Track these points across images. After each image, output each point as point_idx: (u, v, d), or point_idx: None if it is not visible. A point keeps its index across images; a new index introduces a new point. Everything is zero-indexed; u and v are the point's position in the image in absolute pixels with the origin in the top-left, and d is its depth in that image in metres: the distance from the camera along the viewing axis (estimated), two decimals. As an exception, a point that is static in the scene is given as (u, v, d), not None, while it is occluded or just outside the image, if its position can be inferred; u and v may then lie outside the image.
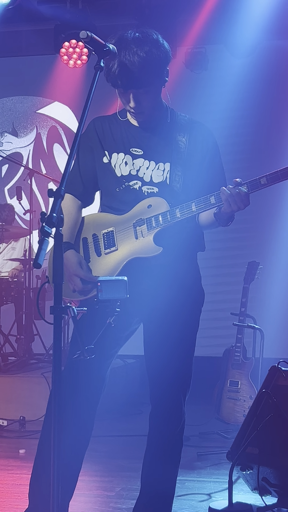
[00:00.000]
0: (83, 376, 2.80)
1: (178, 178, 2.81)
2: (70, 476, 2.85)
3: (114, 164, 2.87)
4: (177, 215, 2.74)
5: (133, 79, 2.66)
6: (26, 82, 8.43)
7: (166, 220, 2.75)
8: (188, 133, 2.88)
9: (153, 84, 2.74)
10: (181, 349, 2.86)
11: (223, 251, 7.29)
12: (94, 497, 3.72)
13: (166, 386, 2.85)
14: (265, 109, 7.49)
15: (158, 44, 2.69)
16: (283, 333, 7.16)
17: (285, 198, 7.51)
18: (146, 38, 2.67)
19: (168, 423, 2.88)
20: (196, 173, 2.84)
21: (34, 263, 2.06)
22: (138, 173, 2.85)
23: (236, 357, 5.22)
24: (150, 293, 2.83)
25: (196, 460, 4.53)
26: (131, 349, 3.36)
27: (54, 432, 2.15)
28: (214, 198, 2.73)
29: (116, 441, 5.05)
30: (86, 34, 2.39)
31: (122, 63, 2.64)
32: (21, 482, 3.91)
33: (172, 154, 2.84)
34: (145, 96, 2.75)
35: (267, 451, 3.32)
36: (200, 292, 2.94)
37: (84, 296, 2.81)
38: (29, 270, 6.80)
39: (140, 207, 2.81)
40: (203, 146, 2.89)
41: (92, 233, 2.89)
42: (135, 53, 2.63)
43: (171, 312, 2.83)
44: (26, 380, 5.86)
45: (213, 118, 7.16)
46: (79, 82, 7.89)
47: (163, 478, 2.89)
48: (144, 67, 2.65)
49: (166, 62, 2.75)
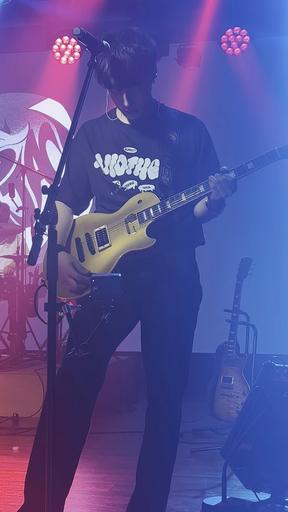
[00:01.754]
0: (80, 373, 2.79)
1: (168, 171, 2.82)
2: (66, 472, 2.84)
3: (107, 166, 2.87)
4: (168, 207, 2.75)
5: (125, 77, 2.67)
6: (19, 78, 8.41)
7: (157, 212, 2.76)
8: (179, 126, 2.89)
9: (145, 81, 2.74)
10: (179, 346, 2.86)
11: (216, 247, 7.30)
12: (88, 493, 3.72)
13: (164, 383, 2.85)
14: (258, 106, 7.49)
15: (145, 41, 2.70)
16: (276, 329, 7.18)
17: (278, 195, 7.52)
18: (132, 35, 2.68)
19: (164, 420, 2.88)
20: (190, 165, 2.84)
21: (28, 260, 2.06)
22: (134, 172, 2.85)
23: (229, 354, 5.23)
24: (148, 289, 2.83)
25: (189, 456, 4.54)
26: (124, 345, 3.35)
27: (48, 429, 2.15)
28: (203, 186, 2.74)
29: (110, 437, 5.06)
30: (80, 30, 2.40)
31: (113, 63, 2.64)
32: (15, 479, 3.91)
33: (162, 148, 2.84)
34: (138, 93, 2.75)
35: (260, 447, 3.33)
36: (198, 289, 2.94)
37: (79, 294, 2.81)
38: (22, 267, 6.79)
39: (130, 203, 2.82)
40: (195, 138, 2.90)
41: (85, 233, 2.89)
42: (124, 51, 2.63)
43: (169, 309, 2.83)
44: (19, 377, 5.85)
45: (206, 115, 7.18)
46: (71, 78, 7.89)
47: (159, 474, 2.90)
48: (135, 65, 2.65)
49: (154, 57, 2.76)
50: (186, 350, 2.89)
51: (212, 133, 2.97)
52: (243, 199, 7.48)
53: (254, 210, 7.61)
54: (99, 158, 2.90)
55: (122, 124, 2.91)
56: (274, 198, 7.54)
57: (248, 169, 2.73)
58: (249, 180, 8.06)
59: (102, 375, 2.88)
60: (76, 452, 2.88)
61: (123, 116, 2.91)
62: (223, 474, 3.38)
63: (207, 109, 7.41)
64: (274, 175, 7.29)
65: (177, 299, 2.84)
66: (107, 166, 2.88)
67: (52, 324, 2.16)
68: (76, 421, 2.84)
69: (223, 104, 7.67)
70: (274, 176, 7.32)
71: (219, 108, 7.60)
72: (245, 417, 3.43)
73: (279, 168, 6.97)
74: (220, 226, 6.93)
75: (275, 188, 7.51)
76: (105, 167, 2.88)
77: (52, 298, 2.16)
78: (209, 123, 3.03)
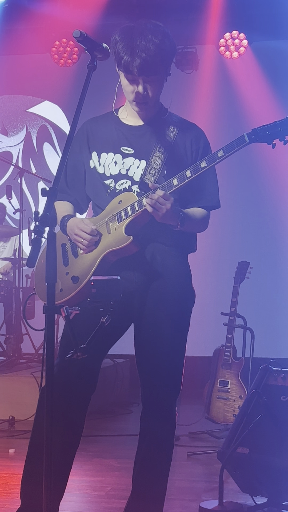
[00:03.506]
0: (74, 376, 2.79)
1: (154, 172, 2.82)
2: (60, 476, 2.84)
3: (103, 164, 2.88)
4: (144, 203, 2.74)
5: (146, 65, 2.70)
6: (17, 80, 8.40)
7: (134, 210, 2.76)
8: (179, 132, 2.90)
9: (162, 73, 2.80)
10: (172, 349, 2.85)
11: (213, 250, 7.30)
12: (84, 497, 3.72)
13: (158, 387, 2.85)
14: (256, 109, 7.50)
15: (168, 36, 2.78)
16: (273, 332, 7.18)
17: (275, 198, 7.53)
18: (158, 28, 2.76)
19: (159, 423, 2.88)
20: (182, 169, 2.82)
21: (28, 262, 2.06)
22: (128, 172, 2.86)
23: (226, 357, 5.23)
24: (140, 292, 2.84)
25: (186, 459, 4.54)
26: (120, 348, 3.35)
27: (46, 432, 2.15)
28: (177, 180, 2.73)
29: (107, 440, 5.05)
30: (80, 33, 2.40)
31: (137, 49, 2.68)
32: (11, 482, 3.90)
33: (155, 149, 2.84)
34: (152, 85, 2.79)
35: (257, 451, 3.33)
36: (190, 292, 2.94)
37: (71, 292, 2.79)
38: (19, 269, 6.78)
39: (112, 204, 2.84)
40: (193, 147, 2.90)
41: (69, 238, 2.90)
42: (150, 40, 2.69)
43: (161, 312, 2.83)
44: (16, 379, 5.84)
45: (203, 118, 7.19)
46: (69, 81, 7.87)
47: (155, 477, 2.89)
48: (157, 55, 2.70)
49: (174, 53, 2.84)
50: (179, 353, 2.89)
51: (209, 137, 2.98)
52: (240, 202, 7.49)
53: (252, 213, 7.62)
54: (95, 156, 2.91)
55: (122, 124, 2.92)
56: (271, 201, 7.54)
57: (218, 156, 2.70)
58: (247, 183, 8.09)
59: (95, 378, 2.88)
60: (70, 455, 2.87)
61: (127, 117, 2.92)
62: (220, 478, 3.38)
63: (205, 112, 7.42)
64: (272, 178, 7.31)
65: (170, 302, 2.83)
66: (102, 164, 2.89)
67: (50, 327, 2.15)
68: (70, 424, 2.84)
69: (221, 108, 7.68)
70: (271, 179, 7.34)
71: (217, 111, 7.60)
72: (242, 421, 3.43)
73: (277, 172, 6.99)
74: (217, 230, 6.93)
75: (272, 191, 7.51)
76: (100, 166, 2.89)
77: (50, 300, 2.15)
78: (207, 127, 3.04)
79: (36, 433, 2.80)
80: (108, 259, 2.80)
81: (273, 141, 2.69)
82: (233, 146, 2.69)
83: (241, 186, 7.35)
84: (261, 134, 2.68)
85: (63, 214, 2.91)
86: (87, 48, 2.47)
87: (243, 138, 2.68)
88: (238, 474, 3.41)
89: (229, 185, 6.43)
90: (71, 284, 2.81)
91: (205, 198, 2.92)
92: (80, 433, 2.89)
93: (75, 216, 2.92)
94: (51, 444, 2.17)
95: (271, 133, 2.68)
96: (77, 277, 2.80)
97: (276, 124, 2.68)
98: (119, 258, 2.81)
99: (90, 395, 2.87)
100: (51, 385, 2.16)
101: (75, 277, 2.81)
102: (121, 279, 2.47)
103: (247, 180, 7.32)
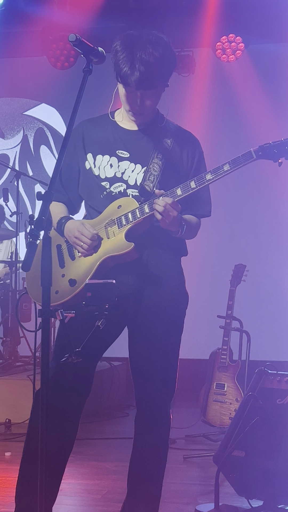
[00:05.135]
0: (69, 379, 2.79)
1: (153, 178, 2.82)
2: (54, 479, 2.83)
3: (98, 166, 2.88)
4: (146, 211, 2.75)
5: (146, 79, 2.68)
6: (13, 83, 8.41)
7: (136, 216, 2.76)
8: (176, 139, 2.90)
9: (160, 86, 2.79)
10: (165, 352, 2.86)
11: (210, 253, 7.31)
12: (80, 500, 3.72)
13: (151, 390, 2.85)
14: (252, 113, 7.51)
15: (169, 48, 2.75)
16: (270, 335, 7.19)
17: (271, 201, 7.54)
18: (160, 40, 2.72)
19: (153, 427, 2.88)
20: (180, 178, 2.81)
21: (23, 266, 2.06)
22: (123, 175, 2.86)
23: (223, 360, 5.23)
24: (134, 295, 2.84)
25: (182, 463, 4.54)
26: (117, 351, 3.35)
27: (41, 435, 2.15)
28: (180, 189, 2.74)
29: (103, 443, 5.04)
30: (75, 37, 2.40)
31: (136, 62, 2.66)
32: (7, 485, 3.89)
33: (153, 155, 2.84)
34: (151, 97, 2.78)
35: (253, 454, 3.33)
36: (184, 295, 2.94)
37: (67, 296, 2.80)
38: (15, 272, 6.78)
39: (110, 208, 2.83)
40: (189, 155, 2.91)
41: (65, 239, 2.89)
42: (150, 53, 2.66)
43: (155, 315, 2.84)
44: (12, 382, 5.84)
45: (200, 121, 7.20)
46: (66, 84, 7.87)
47: (149, 481, 2.89)
48: (158, 69, 2.69)
49: (174, 66, 2.81)
50: (173, 356, 2.89)
51: (206, 140, 2.98)
52: (236, 205, 7.50)
53: (248, 216, 7.62)
54: (91, 158, 2.91)
55: (119, 127, 2.92)
56: (267, 204, 7.55)
57: (224, 170, 2.72)
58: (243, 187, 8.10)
59: (90, 382, 2.88)
60: (63, 459, 2.87)
61: (123, 120, 2.92)
62: (216, 481, 3.38)
63: (202, 115, 7.43)
64: (268, 182, 7.31)
65: (163, 305, 2.84)
66: (97, 166, 2.89)
67: (46, 330, 2.16)
68: (65, 428, 2.84)
69: (218, 111, 7.68)
70: (267, 183, 7.35)
71: (213, 114, 7.61)
72: (238, 424, 3.43)
73: (273, 175, 7.00)
74: (214, 233, 6.94)
75: (268, 194, 7.52)
76: (96, 168, 2.89)
77: (46, 304, 2.16)
78: (203, 130, 3.05)
79: (30, 437, 2.80)
80: (107, 264, 2.79)
81: (279, 159, 2.69)
82: (240, 161, 2.70)
83: (237, 190, 7.36)
84: (268, 151, 2.71)
85: (60, 216, 2.90)
86: (83, 52, 2.47)
87: (251, 154, 2.70)
88: (234, 477, 3.41)
89: (226, 189, 6.43)
90: (68, 287, 2.81)
91: (199, 206, 2.92)
92: (74, 437, 2.89)
93: (72, 218, 2.92)
94: (46, 447, 2.17)
95: (278, 151, 2.70)
96: (74, 280, 2.80)
97: (283, 143, 2.70)
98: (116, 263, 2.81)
99: (85, 399, 2.87)
100: (46, 389, 2.16)
101: (72, 280, 2.80)
102: (116, 283, 2.47)
103: (244, 183, 7.32)
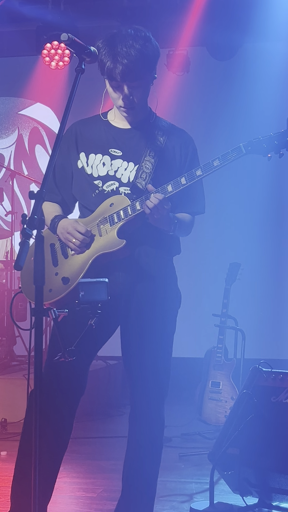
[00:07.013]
0: (63, 378, 2.80)
1: (145, 176, 2.84)
2: (49, 478, 2.84)
3: (91, 165, 2.89)
4: (137, 208, 2.77)
5: (129, 71, 2.72)
6: (8, 83, 8.40)
7: (127, 214, 2.78)
8: (168, 136, 2.92)
9: (146, 78, 2.82)
10: (158, 350, 2.87)
11: (204, 252, 7.31)
12: (76, 498, 3.72)
13: (145, 388, 2.87)
14: (246, 111, 7.51)
15: (150, 40, 2.80)
16: (264, 334, 7.20)
17: (266, 200, 7.54)
18: (139, 33, 2.78)
19: (147, 425, 2.89)
20: (173, 175, 2.82)
21: (15, 265, 2.06)
22: (116, 174, 2.87)
23: (218, 358, 5.24)
24: (126, 294, 2.85)
25: (177, 461, 4.54)
26: (112, 350, 3.36)
27: (35, 434, 2.15)
28: (171, 186, 2.76)
29: (98, 442, 5.05)
30: (67, 36, 2.41)
31: (118, 56, 2.71)
32: (3, 484, 3.89)
33: (145, 153, 2.85)
34: (138, 90, 2.81)
35: (248, 452, 3.34)
36: (176, 293, 2.95)
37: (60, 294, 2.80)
38: (10, 271, 6.78)
39: (103, 206, 2.85)
40: (181, 152, 2.92)
41: (58, 238, 2.90)
42: (131, 45, 2.71)
43: (147, 314, 2.85)
44: (8, 382, 5.83)
45: (195, 121, 7.20)
46: (61, 83, 7.88)
47: (144, 479, 2.90)
48: (139, 60, 2.73)
49: (157, 57, 2.86)
50: (166, 354, 2.90)
51: (201, 139, 2.99)
52: (231, 203, 7.49)
53: (243, 214, 7.63)
54: (83, 157, 2.92)
55: (112, 126, 2.94)
56: (262, 203, 7.56)
57: (214, 166, 2.74)
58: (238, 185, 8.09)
59: (84, 380, 2.89)
60: (58, 458, 2.88)
61: (115, 119, 2.93)
62: (211, 479, 3.39)
63: (197, 114, 7.43)
64: (263, 180, 7.32)
65: (155, 304, 2.85)
66: (90, 165, 2.90)
67: (39, 330, 2.16)
68: (59, 427, 2.84)
69: (212, 109, 7.69)
70: (262, 181, 7.35)
71: (208, 113, 7.61)
72: (233, 422, 3.44)
73: (267, 173, 7.01)
74: (209, 231, 6.95)
75: (263, 193, 7.52)
76: (88, 167, 2.90)
77: (38, 303, 2.16)
78: (198, 128, 3.06)
79: (25, 436, 2.80)
80: (99, 261, 2.81)
81: (268, 154, 2.71)
82: (230, 156, 2.72)
83: (232, 188, 7.37)
84: (257, 146, 2.73)
85: (53, 214, 2.92)
86: (75, 51, 2.48)
87: (240, 149, 2.73)
88: (229, 475, 3.42)
89: (220, 187, 6.44)
90: (61, 285, 2.82)
91: (192, 204, 2.94)
92: (69, 436, 2.89)
93: (66, 217, 2.93)
94: (40, 447, 2.18)
95: (267, 145, 2.72)
96: (68, 278, 2.81)
97: (271, 137, 2.72)
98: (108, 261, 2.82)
99: (79, 398, 2.88)
100: (39, 388, 2.16)
101: (66, 278, 2.81)
102: (109, 282, 2.49)
103: (239, 181, 7.33)
